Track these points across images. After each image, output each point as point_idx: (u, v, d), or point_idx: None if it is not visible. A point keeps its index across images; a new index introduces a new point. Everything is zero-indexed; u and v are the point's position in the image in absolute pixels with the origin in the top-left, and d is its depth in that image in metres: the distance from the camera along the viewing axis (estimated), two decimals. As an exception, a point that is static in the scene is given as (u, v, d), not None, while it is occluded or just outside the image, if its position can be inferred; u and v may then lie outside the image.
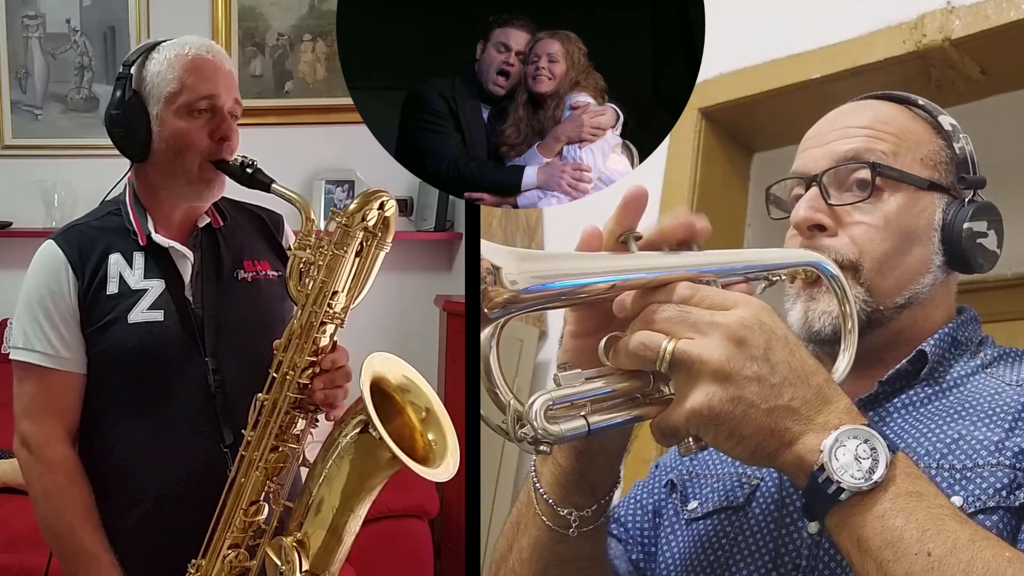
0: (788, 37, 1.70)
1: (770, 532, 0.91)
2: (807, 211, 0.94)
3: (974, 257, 0.94)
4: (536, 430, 0.73)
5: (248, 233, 1.56)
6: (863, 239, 0.93)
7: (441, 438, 1.32)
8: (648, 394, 0.79)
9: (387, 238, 1.35)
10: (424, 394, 1.35)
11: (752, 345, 0.72)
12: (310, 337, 1.32)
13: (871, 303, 0.92)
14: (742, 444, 0.73)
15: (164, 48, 1.44)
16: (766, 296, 0.89)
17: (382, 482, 1.30)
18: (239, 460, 1.34)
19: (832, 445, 0.71)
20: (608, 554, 1.00)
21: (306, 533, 1.31)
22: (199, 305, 1.45)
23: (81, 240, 1.44)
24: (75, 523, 1.39)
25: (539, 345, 2.08)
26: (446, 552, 2.91)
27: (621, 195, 0.82)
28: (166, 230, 1.47)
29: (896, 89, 1.01)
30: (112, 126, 1.45)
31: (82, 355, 1.42)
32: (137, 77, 1.43)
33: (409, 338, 3.30)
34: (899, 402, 0.92)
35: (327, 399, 1.34)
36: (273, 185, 1.38)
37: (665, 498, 1.06)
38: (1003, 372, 0.92)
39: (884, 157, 0.93)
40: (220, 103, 1.42)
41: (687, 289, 0.76)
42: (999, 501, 0.80)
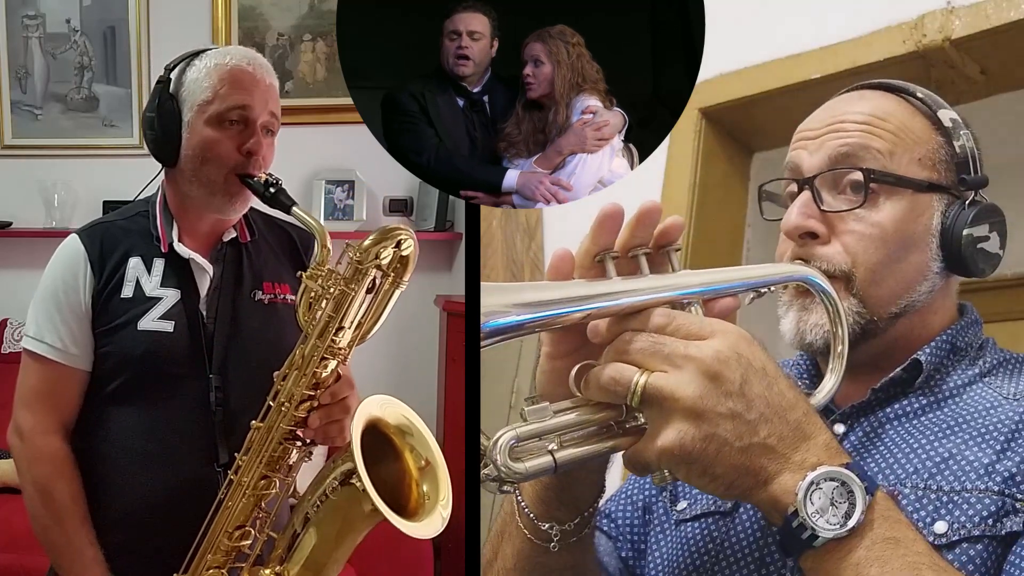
0: (788, 37, 1.69)
1: (756, 540, 0.89)
2: (799, 218, 0.91)
3: (975, 262, 0.90)
4: (499, 468, 0.70)
5: (274, 252, 1.54)
6: (856, 248, 0.89)
7: (435, 491, 1.28)
8: (622, 423, 0.77)
9: (404, 277, 1.31)
10: (427, 443, 1.31)
11: (727, 380, 0.70)
12: (309, 370, 1.29)
13: (865, 314, 0.89)
14: (715, 482, 0.72)
15: (207, 56, 1.43)
16: (758, 304, 0.88)
17: (367, 529, 1.28)
18: (228, 483, 1.33)
19: (808, 488, 0.69)
20: (594, 561, 0.98)
21: (286, 568, 1.29)
22: (211, 320, 1.44)
23: (104, 238, 1.44)
24: (62, 514, 1.39)
25: (539, 345, 2.08)
26: (446, 552, 2.91)
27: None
28: (191, 240, 1.46)
29: (897, 89, 1.00)
30: (146, 128, 1.45)
31: (89, 352, 1.42)
32: (176, 82, 1.42)
33: (409, 338, 3.30)
34: (892, 412, 0.90)
35: (323, 436, 1.33)
36: (294, 208, 1.35)
37: (655, 495, 1.04)
38: (1002, 382, 0.89)
39: (880, 157, 0.90)
40: (253, 116, 1.40)
41: (662, 317, 0.74)
42: (984, 530, 0.77)
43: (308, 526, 1.28)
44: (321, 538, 1.27)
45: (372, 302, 1.31)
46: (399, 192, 3.42)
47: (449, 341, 3.07)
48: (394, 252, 1.29)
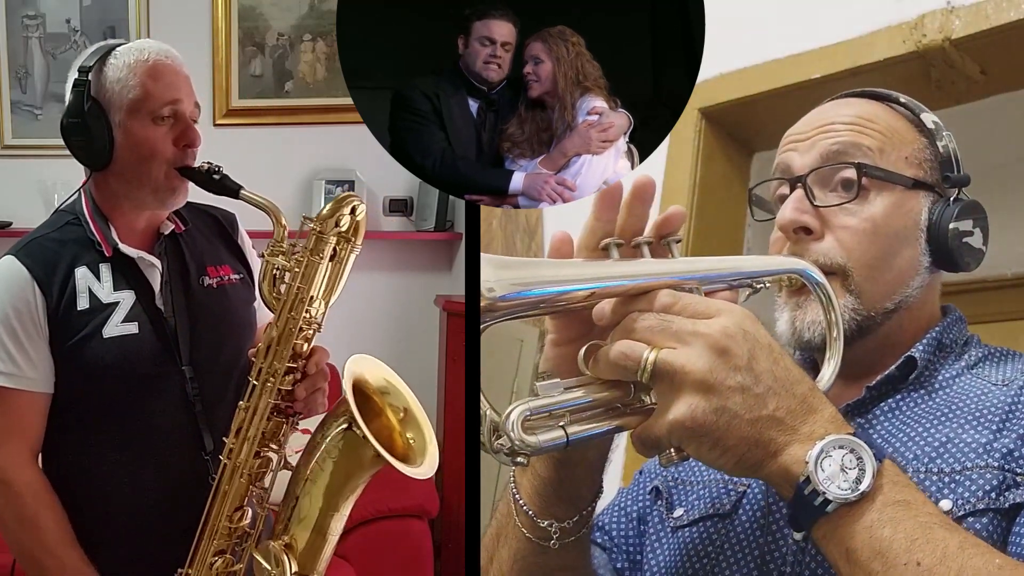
0: (788, 37, 1.69)
1: (756, 540, 0.90)
2: (793, 213, 0.93)
3: (960, 256, 0.93)
4: (513, 441, 0.71)
5: (206, 237, 1.54)
6: (851, 242, 0.91)
7: (420, 436, 1.33)
8: (629, 404, 0.78)
9: (358, 240, 1.36)
10: (402, 395, 1.36)
11: (735, 355, 0.71)
12: (289, 343, 1.31)
13: (862, 311, 0.91)
14: (726, 455, 0.73)
15: (121, 53, 1.40)
16: (754, 304, 0.89)
17: (365, 481, 1.31)
18: (222, 468, 1.33)
19: (818, 456, 0.71)
20: (591, 564, 0.99)
21: (292, 535, 1.31)
22: (171, 314, 1.44)
23: (45, 255, 1.40)
24: (52, 545, 1.37)
25: (539, 345, 2.08)
26: (446, 552, 2.91)
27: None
28: (130, 239, 1.44)
29: (896, 89, 1.00)
30: (70, 134, 1.41)
31: (49, 374, 1.39)
32: (95, 84, 1.39)
33: (409, 338, 3.30)
34: (886, 407, 0.91)
35: (309, 404, 1.34)
36: (242, 191, 1.36)
37: (650, 505, 1.04)
38: (989, 372, 0.91)
39: (871, 153, 0.92)
40: (183, 109, 1.40)
41: (668, 297, 0.75)
42: (988, 503, 0.79)
43: (307, 487, 1.30)
44: (323, 495, 1.30)
45: (333, 269, 1.35)
46: (399, 192, 3.42)
47: (449, 341, 3.08)
48: (351, 219, 1.34)
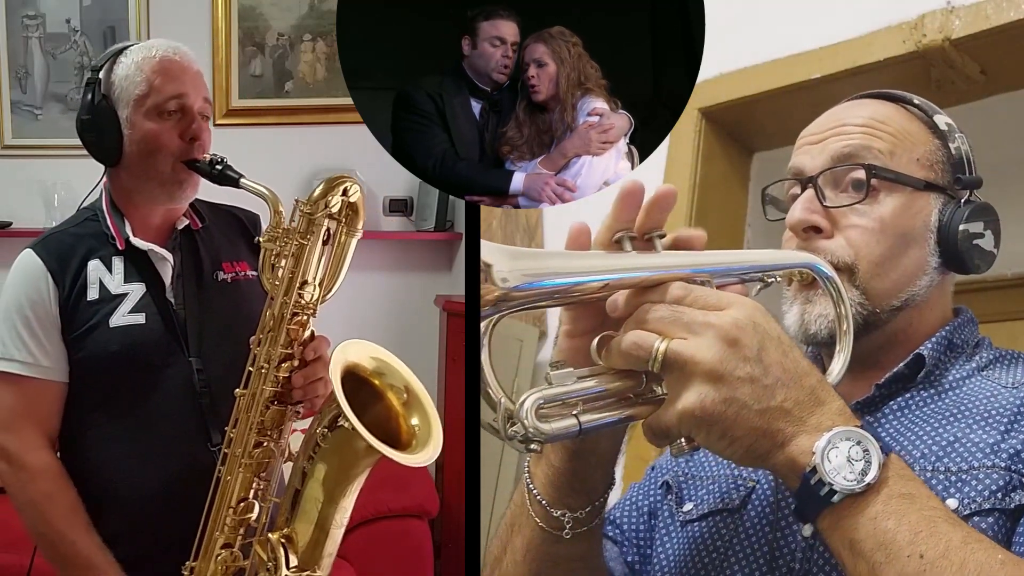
0: (788, 37, 1.70)
1: (765, 535, 0.91)
2: (803, 213, 0.94)
3: (970, 258, 0.94)
4: (527, 428, 0.72)
5: (226, 234, 1.56)
6: (859, 241, 0.92)
7: (425, 423, 1.31)
8: (640, 394, 0.79)
9: (356, 224, 1.35)
10: (399, 373, 1.34)
11: (745, 346, 0.72)
12: (283, 329, 1.32)
13: (867, 306, 0.92)
14: (734, 445, 0.74)
15: (131, 52, 1.44)
16: (763, 298, 0.89)
17: (365, 471, 1.29)
18: (223, 457, 1.33)
19: (824, 447, 0.71)
20: (603, 556, 0.99)
21: (293, 529, 1.30)
22: (181, 307, 1.45)
23: (60, 248, 1.43)
24: (65, 528, 1.39)
25: (539, 345, 2.08)
26: (446, 552, 2.91)
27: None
28: (145, 233, 1.47)
29: (896, 89, 1.01)
30: (83, 132, 1.45)
31: (63, 363, 1.41)
32: (106, 82, 1.44)
33: (409, 338, 3.29)
34: (895, 405, 0.92)
35: (307, 393, 1.34)
36: (242, 180, 1.38)
37: (660, 500, 1.05)
38: (999, 375, 0.92)
39: (881, 156, 0.93)
40: (189, 103, 1.42)
41: (680, 289, 0.76)
42: (994, 503, 0.80)
43: (307, 481, 1.29)
44: (322, 488, 1.29)
45: (330, 254, 1.35)
46: (399, 192, 3.41)
47: (449, 341, 3.07)
48: (342, 200, 1.33)
